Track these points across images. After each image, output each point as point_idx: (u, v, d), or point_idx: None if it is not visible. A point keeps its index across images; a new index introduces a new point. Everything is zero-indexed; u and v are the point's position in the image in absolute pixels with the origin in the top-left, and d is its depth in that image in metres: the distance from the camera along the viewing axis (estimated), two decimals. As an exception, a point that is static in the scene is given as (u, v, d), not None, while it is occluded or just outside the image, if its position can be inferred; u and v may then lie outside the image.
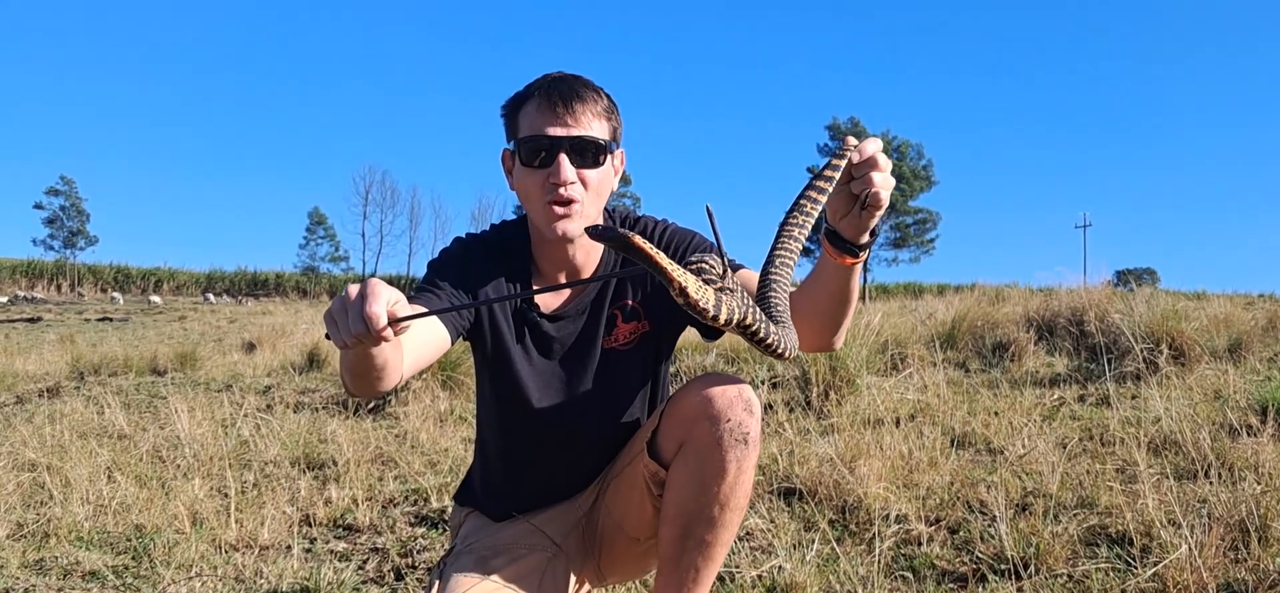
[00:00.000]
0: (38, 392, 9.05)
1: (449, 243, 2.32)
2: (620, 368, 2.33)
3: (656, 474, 2.13)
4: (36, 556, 3.61)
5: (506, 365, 2.27)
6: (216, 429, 5.89)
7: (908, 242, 54.01)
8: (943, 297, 17.80)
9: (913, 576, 3.10)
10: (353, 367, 1.77)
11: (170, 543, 3.67)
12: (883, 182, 1.74)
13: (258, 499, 4.31)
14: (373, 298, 1.55)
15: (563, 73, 2.19)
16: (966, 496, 3.78)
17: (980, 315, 9.33)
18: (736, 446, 2.01)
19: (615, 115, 2.23)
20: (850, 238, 1.83)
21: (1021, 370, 7.23)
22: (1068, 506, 3.59)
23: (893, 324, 9.69)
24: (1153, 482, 3.65)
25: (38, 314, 31.96)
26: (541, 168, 2.12)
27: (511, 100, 2.21)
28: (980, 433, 4.82)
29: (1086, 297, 8.73)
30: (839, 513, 3.69)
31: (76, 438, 5.92)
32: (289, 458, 5.20)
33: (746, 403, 2.04)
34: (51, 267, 56.74)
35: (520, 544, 2.27)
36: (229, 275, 64.39)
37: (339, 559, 3.63)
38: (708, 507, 2.04)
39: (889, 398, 5.80)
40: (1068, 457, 4.27)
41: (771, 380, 6.67)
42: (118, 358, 11.07)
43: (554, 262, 2.28)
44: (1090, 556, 3.11)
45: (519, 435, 2.36)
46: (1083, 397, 5.90)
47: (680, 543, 2.08)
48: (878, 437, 4.59)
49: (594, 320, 2.30)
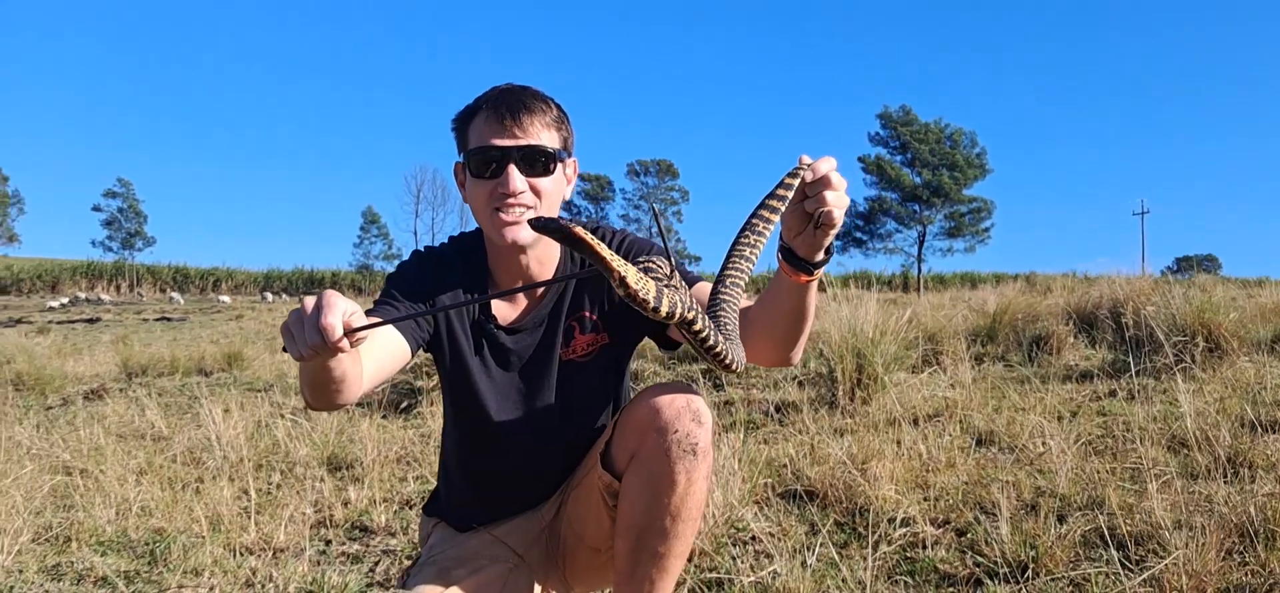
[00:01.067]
0: (84, 393, 9.23)
1: (407, 256, 2.34)
2: (579, 380, 2.33)
3: (610, 486, 2.12)
4: (55, 560, 3.69)
5: (465, 377, 2.28)
6: (252, 430, 5.96)
7: (962, 231, 53.22)
8: (998, 287, 17.59)
9: (912, 580, 3.07)
10: (311, 380, 1.78)
11: (187, 547, 3.73)
12: (836, 200, 1.72)
13: (280, 501, 4.37)
14: (328, 309, 1.56)
15: (511, 85, 2.20)
16: (980, 497, 3.74)
17: (1022, 308, 9.21)
18: (685, 457, 2.00)
19: (566, 125, 2.24)
20: (805, 256, 1.81)
21: (1060, 365, 7.13)
22: (1078, 506, 3.53)
23: (934, 318, 9.60)
24: (1162, 482, 3.58)
25: (97, 315, 32.56)
26: (491, 178, 2.13)
27: (461, 114, 2.22)
28: (1005, 432, 4.75)
29: (1126, 287, 8.56)
30: (847, 516, 3.66)
31: (114, 440, 6.04)
32: (318, 459, 5.26)
33: (695, 413, 2.02)
34: (111, 268, 57.78)
35: (482, 555, 2.27)
36: (286, 274, 65.17)
37: (351, 562, 3.66)
38: (659, 518, 2.03)
39: (916, 396, 5.74)
40: (1087, 455, 4.20)
41: (796, 380, 6.63)
42: (165, 359, 11.26)
43: (510, 272, 2.29)
44: (1094, 558, 3.06)
45: (478, 447, 2.37)
46: (1113, 392, 5.80)
47: (634, 556, 2.08)
48: (896, 436, 4.56)
49: (551, 332, 2.31)
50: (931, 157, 51.06)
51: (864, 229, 53.96)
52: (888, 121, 52.87)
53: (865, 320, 6.17)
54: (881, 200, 52.50)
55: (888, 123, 52.88)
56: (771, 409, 5.79)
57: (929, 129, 51.93)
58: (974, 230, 53.32)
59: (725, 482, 3.76)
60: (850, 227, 54.40)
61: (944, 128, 52.37)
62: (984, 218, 53.17)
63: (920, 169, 51.16)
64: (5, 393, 9.65)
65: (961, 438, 4.66)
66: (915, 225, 52.40)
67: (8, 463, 5.20)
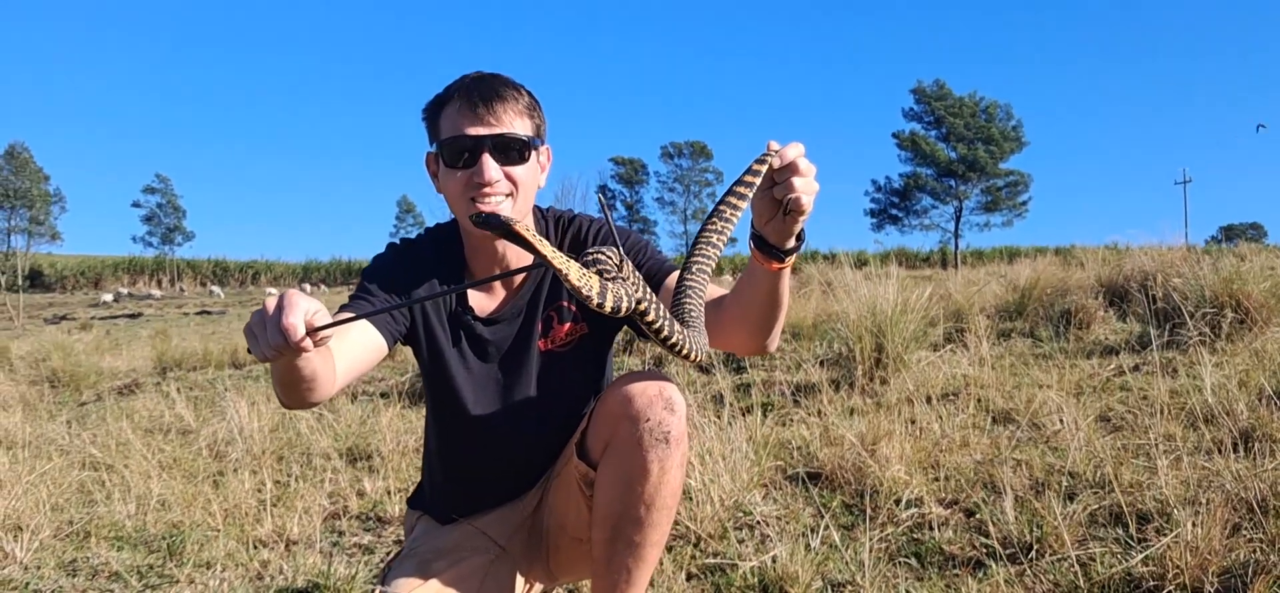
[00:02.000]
0: (118, 388, 9.36)
1: (383, 249, 2.34)
2: (559, 370, 2.32)
3: (587, 475, 2.12)
4: (72, 556, 3.74)
5: (442, 370, 2.27)
6: (275, 422, 6.01)
7: (999, 205, 52.78)
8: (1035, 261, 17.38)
9: (917, 561, 3.04)
10: (282, 378, 1.78)
11: (202, 541, 3.77)
12: (804, 187, 1.70)
13: (297, 492, 4.40)
14: (289, 309, 1.55)
15: (482, 73, 2.19)
16: (992, 476, 3.70)
17: (1052, 282, 9.08)
18: (657, 445, 1.99)
19: (538, 112, 2.22)
20: (775, 243, 1.79)
21: (1089, 339, 7.04)
22: (1088, 484, 3.48)
23: (964, 294, 9.51)
24: (1173, 458, 3.53)
25: (139, 310, 33.01)
26: (465, 168, 2.12)
27: (431, 103, 2.21)
28: (1023, 409, 4.69)
29: (1157, 258, 8.42)
30: (856, 497, 3.63)
31: (141, 435, 6.12)
32: (338, 450, 5.30)
33: (666, 401, 2.01)
34: (152, 262, 58.62)
35: (463, 547, 2.27)
36: (324, 265, 65.80)
37: (363, 552, 3.69)
38: (633, 507, 2.03)
39: (935, 374, 5.69)
40: (1107, 431, 4.15)
41: (819, 360, 6.58)
42: (198, 353, 11.38)
43: (486, 262, 2.28)
44: (1101, 536, 3.02)
45: (458, 439, 2.36)
46: (1137, 366, 5.71)
47: (611, 545, 2.07)
48: (909, 416, 4.52)
49: (530, 323, 2.30)
50: (966, 131, 50.65)
51: (899, 206, 53.68)
52: (922, 96, 52.49)
53: (884, 298, 6.11)
54: (917, 176, 52.20)
55: (922, 97, 52.51)
56: (790, 391, 5.75)
57: (964, 103, 51.52)
58: (1011, 204, 52.91)
59: (733, 466, 3.74)
60: (885, 204, 54.19)
61: (979, 101, 51.95)
62: (1021, 191, 52.74)
63: (955, 143, 50.79)
64: (41, 390, 9.81)
65: (978, 416, 4.61)
66: (951, 201, 52.05)
67: (36, 459, 5.29)
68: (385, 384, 7.79)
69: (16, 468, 4.87)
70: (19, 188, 49.27)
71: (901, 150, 52.86)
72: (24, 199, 49.50)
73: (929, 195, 52.41)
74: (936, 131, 51.85)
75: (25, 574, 3.59)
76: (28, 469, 4.85)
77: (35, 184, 50.13)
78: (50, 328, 23.61)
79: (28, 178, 49.82)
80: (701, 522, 3.39)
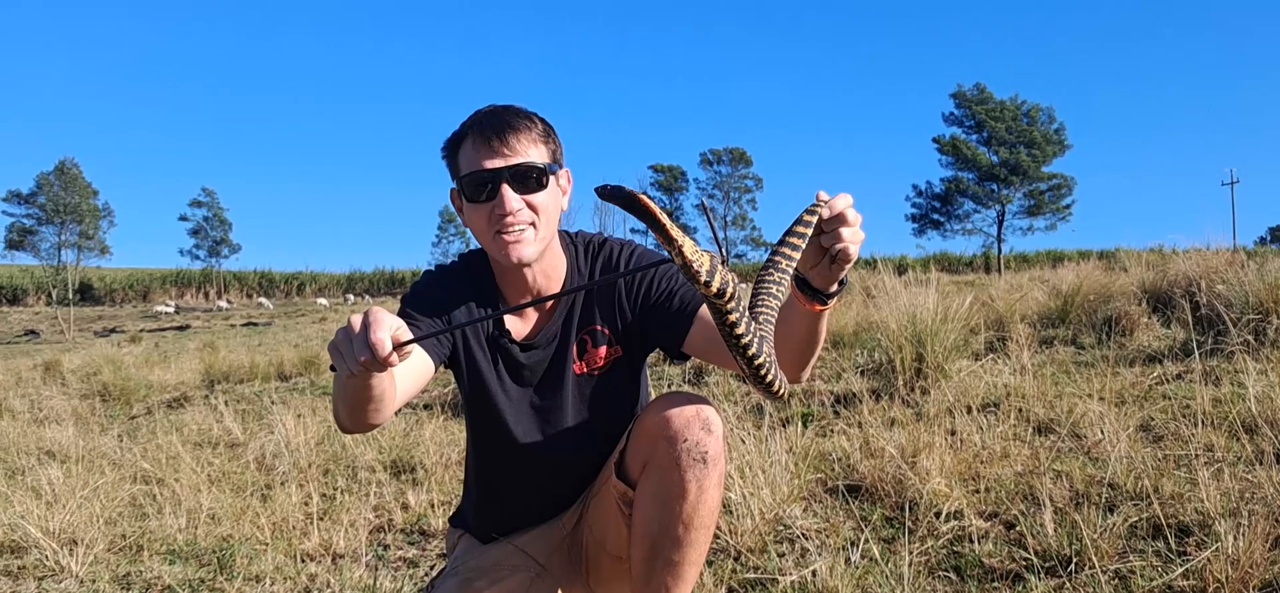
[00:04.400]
0: (167, 401, 9.52)
1: (421, 277, 2.39)
2: (594, 392, 2.37)
3: (625, 495, 2.16)
4: (126, 570, 3.83)
5: (482, 392, 2.33)
6: (321, 435, 6.10)
7: (1042, 209, 52.19)
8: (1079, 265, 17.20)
9: (956, 575, 3.05)
10: (351, 399, 1.85)
11: (251, 554, 3.84)
12: (851, 237, 1.74)
13: (343, 506, 4.47)
14: (377, 325, 1.61)
15: (494, 106, 2.24)
16: (1032, 488, 3.69)
17: (1095, 287, 9.00)
18: (695, 465, 2.02)
19: (553, 138, 2.26)
20: (819, 287, 1.84)
21: (1133, 347, 6.98)
22: (1129, 495, 3.47)
23: (1006, 301, 9.45)
24: (1214, 469, 3.51)
25: (187, 322, 33.46)
26: (487, 201, 2.17)
27: (449, 141, 2.26)
28: (1064, 419, 4.67)
29: (1201, 263, 8.32)
30: (896, 510, 3.64)
31: (190, 448, 6.23)
32: (382, 463, 5.37)
33: (704, 421, 2.04)
34: (199, 275, 59.42)
35: (503, 565, 2.32)
36: (368, 275, 66.41)
37: (408, 566, 3.75)
38: (672, 527, 2.06)
39: (977, 384, 5.67)
40: (1148, 441, 4.13)
41: (857, 369, 6.58)
42: (245, 366, 11.55)
43: (517, 288, 2.33)
44: (1141, 549, 3.01)
45: (496, 459, 2.42)
46: (1181, 375, 5.66)
47: (649, 564, 2.11)
48: (950, 427, 4.51)
49: (564, 346, 2.34)
50: (1008, 134, 50.20)
51: (941, 210, 53.25)
52: (962, 101, 52.10)
53: (924, 307, 6.10)
54: (958, 181, 51.76)
55: (962, 102, 52.11)
56: (830, 401, 5.76)
57: (1005, 106, 51.07)
58: (1055, 208, 52.33)
59: (773, 479, 3.76)
60: (926, 208, 53.81)
61: (1020, 104, 51.46)
62: (1064, 195, 52.16)
63: (997, 147, 50.32)
64: (93, 404, 10.01)
65: (1019, 427, 4.60)
66: (994, 205, 51.56)
67: (89, 473, 5.40)
68: (428, 396, 7.88)
69: (70, 482, 4.99)
70: (69, 203, 50.16)
71: (942, 155, 52.49)
72: (74, 214, 50.38)
73: (971, 200, 51.93)
74: (977, 136, 51.40)
75: (81, 588, 3.68)
76: (81, 484, 4.97)
77: (84, 199, 51.01)
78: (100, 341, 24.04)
79: (77, 193, 50.70)
80: (741, 535, 3.42)
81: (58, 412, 9.39)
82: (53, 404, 9.96)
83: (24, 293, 55.99)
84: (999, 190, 50.90)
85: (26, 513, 4.32)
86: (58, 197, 50.02)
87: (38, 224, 50.45)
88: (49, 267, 50.81)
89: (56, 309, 47.61)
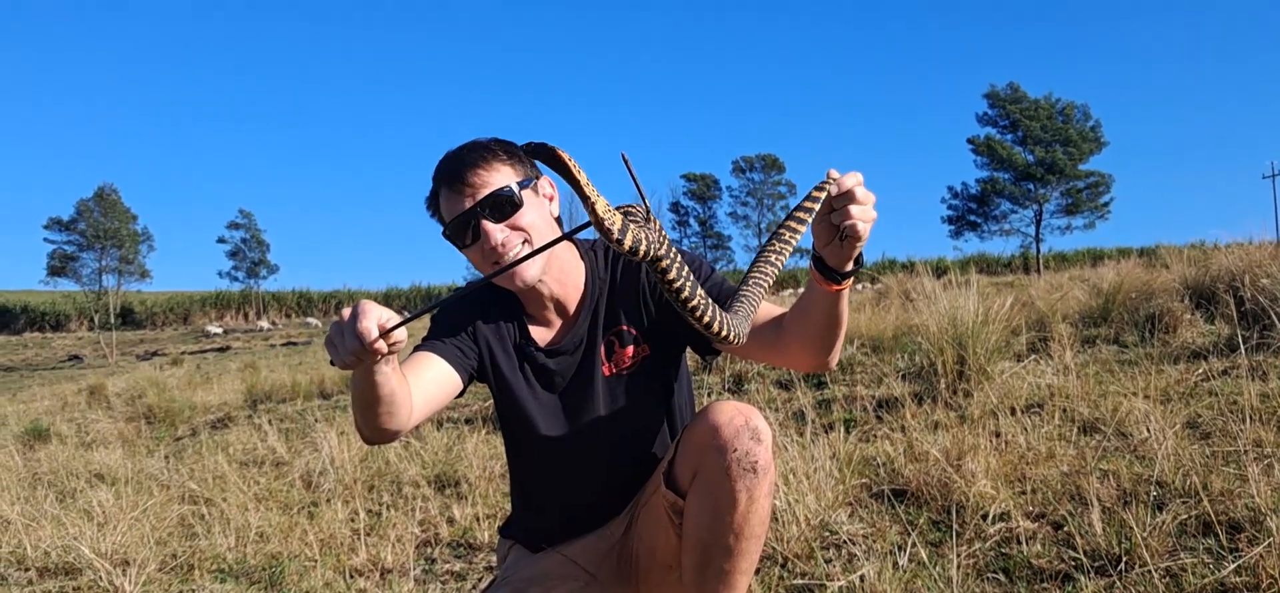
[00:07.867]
0: (211, 422, 9.63)
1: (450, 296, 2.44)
2: (625, 394, 2.39)
3: (675, 504, 2.17)
4: (178, 589, 3.88)
5: (513, 402, 2.37)
6: (365, 452, 6.15)
7: (1080, 208, 51.62)
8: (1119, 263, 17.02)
9: (1006, 577, 3.04)
10: (361, 400, 1.90)
11: (301, 571, 3.89)
12: (861, 215, 1.76)
13: (389, 521, 4.51)
14: (363, 315, 1.68)
15: (449, 151, 2.28)
16: (1079, 487, 3.66)
17: (1135, 285, 8.91)
18: (745, 475, 2.03)
19: (515, 154, 2.28)
20: (834, 266, 1.87)
21: (1176, 344, 6.90)
22: (1177, 493, 3.44)
23: (1047, 300, 9.39)
24: (1264, 465, 3.46)
25: (227, 344, 33.80)
26: (475, 243, 2.22)
27: (428, 198, 2.32)
28: (1109, 418, 4.63)
29: (1244, 257, 8.21)
30: (943, 514, 3.63)
31: (236, 468, 6.31)
32: (426, 478, 5.41)
33: (753, 431, 2.05)
34: (237, 296, 59.89)
35: (553, 575, 2.34)
36: (404, 292, 66.68)
37: (456, 579, 3.78)
38: (723, 536, 2.07)
39: (1019, 385, 5.63)
40: (1195, 438, 4.08)
41: (899, 372, 6.55)
42: (287, 385, 11.66)
43: (538, 305, 2.38)
44: (1191, 547, 2.98)
45: (535, 468, 2.46)
46: (1227, 371, 5.59)
47: (700, 573, 2.12)
48: (994, 429, 4.49)
49: (591, 349, 2.37)
50: (1043, 133, 49.74)
51: (977, 211, 52.81)
52: (996, 100, 51.68)
53: (964, 309, 6.07)
54: (994, 181, 51.31)
55: (996, 102, 51.70)
56: (872, 405, 5.74)
57: (1039, 105, 50.63)
58: (1093, 206, 51.75)
59: (817, 485, 3.76)
60: (963, 210, 53.41)
61: (1055, 103, 51.00)
62: (1102, 193, 51.58)
63: (1032, 147, 49.87)
64: (138, 426, 10.13)
65: (1063, 427, 4.57)
66: (1031, 204, 51.08)
67: (139, 494, 5.48)
68: (469, 410, 7.93)
69: (121, 504, 5.07)
70: (109, 229, 50.71)
71: (977, 155, 52.08)
72: (114, 239, 50.93)
73: (1007, 200, 51.46)
74: (1012, 135, 50.94)
75: (135, 608, 3.74)
76: (131, 505, 5.04)
77: (124, 225, 51.56)
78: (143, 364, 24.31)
79: (117, 218, 51.25)
80: (788, 542, 3.42)
81: (104, 435, 9.52)
82: (99, 427, 10.11)
83: (67, 319, 56.65)
84: (1036, 190, 50.43)
85: (79, 535, 4.40)
86: (97, 223, 50.60)
87: (78, 250, 51.00)
88: (90, 292, 51.37)
89: (99, 334, 48.14)
